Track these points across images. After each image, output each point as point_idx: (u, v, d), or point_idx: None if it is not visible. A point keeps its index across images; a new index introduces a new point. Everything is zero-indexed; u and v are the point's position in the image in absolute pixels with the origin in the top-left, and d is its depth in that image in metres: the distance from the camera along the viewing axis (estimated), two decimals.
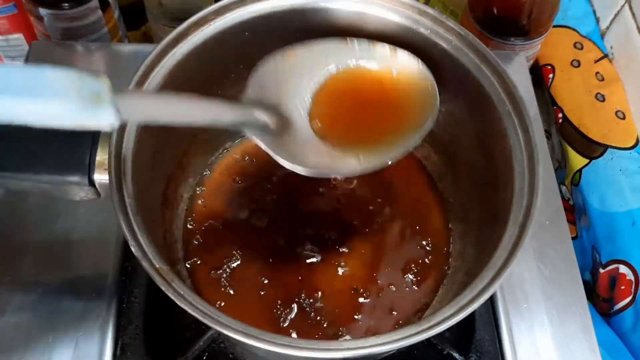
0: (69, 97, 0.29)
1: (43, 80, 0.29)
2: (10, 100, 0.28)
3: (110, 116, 0.30)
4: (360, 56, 0.48)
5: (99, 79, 0.30)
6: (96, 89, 0.30)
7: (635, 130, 0.67)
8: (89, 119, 0.30)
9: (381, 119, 0.47)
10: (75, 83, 0.29)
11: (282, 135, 0.43)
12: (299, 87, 0.46)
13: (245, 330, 0.37)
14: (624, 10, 0.70)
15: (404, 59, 0.48)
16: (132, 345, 0.50)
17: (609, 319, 0.63)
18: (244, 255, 0.53)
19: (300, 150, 0.43)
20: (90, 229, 0.55)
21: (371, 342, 0.37)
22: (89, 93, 0.30)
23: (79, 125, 0.30)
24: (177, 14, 0.67)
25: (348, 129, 0.46)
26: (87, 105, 0.29)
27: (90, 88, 0.30)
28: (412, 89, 0.48)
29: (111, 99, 0.30)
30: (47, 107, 0.28)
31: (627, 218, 0.62)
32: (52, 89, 0.29)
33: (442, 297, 0.52)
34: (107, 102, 0.30)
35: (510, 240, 0.42)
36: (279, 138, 0.43)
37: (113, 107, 0.30)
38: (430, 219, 0.56)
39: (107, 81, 0.31)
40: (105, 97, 0.30)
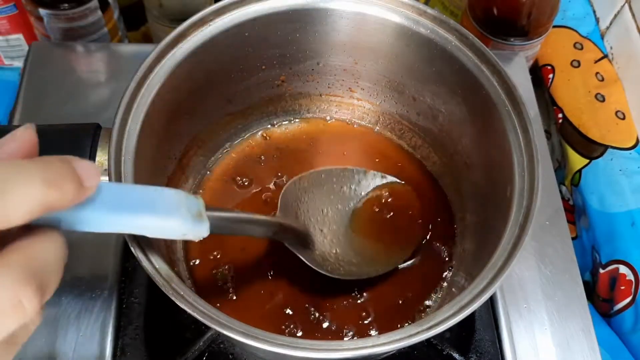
0: (182, 215, 0.33)
1: (162, 199, 0.33)
2: (136, 216, 0.31)
3: (205, 229, 0.35)
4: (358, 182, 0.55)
5: (198, 199, 0.36)
6: (198, 208, 0.35)
7: (635, 130, 0.67)
8: (192, 231, 0.34)
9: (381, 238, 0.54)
10: (183, 202, 0.34)
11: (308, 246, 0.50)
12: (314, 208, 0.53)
13: (245, 331, 0.37)
14: (624, 11, 0.70)
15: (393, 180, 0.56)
16: (132, 345, 0.50)
17: (609, 319, 0.63)
18: (244, 255, 0.53)
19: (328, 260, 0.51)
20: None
21: (371, 342, 0.37)
22: (195, 210, 0.35)
23: (181, 236, 0.34)
24: (177, 14, 0.67)
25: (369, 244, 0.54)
26: (195, 220, 0.34)
27: (194, 206, 0.35)
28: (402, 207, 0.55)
29: (206, 216, 0.35)
30: (164, 222, 0.33)
31: (627, 218, 0.62)
32: (169, 208, 0.33)
33: (443, 297, 0.52)
34: (205, 218, 0.35)
35: (510, 240, 0.42)
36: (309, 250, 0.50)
37: (209, 223, 0.35)
38: (430, 219, 0.56)
39: (202, 200, 0.36)
40: (204, 214, 0.35)
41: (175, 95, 0.48)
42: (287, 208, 0.51)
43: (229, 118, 0.57)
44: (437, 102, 0.55)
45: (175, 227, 0.33)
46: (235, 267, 0.53)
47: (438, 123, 0.56)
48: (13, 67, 0.75)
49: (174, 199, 0.33)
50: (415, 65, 0.54)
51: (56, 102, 0.62)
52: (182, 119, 0.52)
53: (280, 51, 0.55)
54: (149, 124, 0.45)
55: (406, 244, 0.54)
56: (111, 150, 0.42)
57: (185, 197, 0.34)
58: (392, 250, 0.54)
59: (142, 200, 0.32)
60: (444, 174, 0.58)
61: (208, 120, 0.56)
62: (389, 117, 0.60)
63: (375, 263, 0.53)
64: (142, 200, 0.32)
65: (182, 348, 0.50)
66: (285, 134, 0.61)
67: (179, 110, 0.50)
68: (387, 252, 0.54)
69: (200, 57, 0.49)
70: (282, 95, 0.59)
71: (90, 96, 0.62)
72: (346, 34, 0.54)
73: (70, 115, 0.61)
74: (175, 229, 0.33)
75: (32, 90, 0.62)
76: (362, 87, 0.59)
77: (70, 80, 0.63)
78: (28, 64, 0.64)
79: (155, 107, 0.46)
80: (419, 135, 0.59)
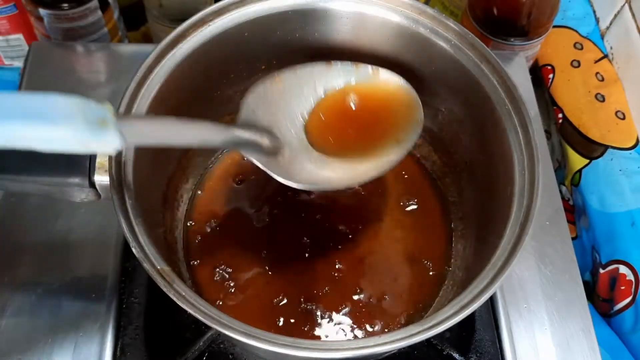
0: (76, 122, 0.30)
1: (51, 106, 0.29)
2: (19, 125, 0.28)
3: (115, 139, 0.31)
4: (345, 77, 0.49)
5: (103, 104, 0.31)
6: (101, 114, 0.31)
7: (635, 130, 0.67)
8: (95, 142, 0.31)
9: (369, 135, 0.48)
10: (81, 108, 0.30)
11: (276, 155, 0.45)
12: (289, 110, 0.47)
13: (246, 331, 0.37)
14: (624, 11, 0.70)
15: (386, 77, 0.49)
16: (132, 345, 0.50)
17: (609, 319, 0.63)
18: (244, 255, 0.53)
19: (294, 167, 0.45)
20: (90, 230, 0.55)
21: (372, 342, 0.37)
22: (95, 118, 0.30)
23: (84, 149, 0.30)
24: (176, 14, 0.67)
25: (339, 146, 0.48)
26: (94, 129, 0.30)
27: (95, 113, 0.31)
28: (396, 105, 0.49)
29: (115, 123, 0.31)
30: (55, 131, 0.29)
31: (627, 218, 0.62)
32: (60, 114, 0.29)
33: (443, 296, 0.52)
34: (112, 126, 0.31)
35: (510, 239, 0.42)
36: (274, 158, 0.44)
37: (117, 131, 0.31)
38: (430, 218, 0.56)
39: (111, 107, 0.32)
40: (110, 121, 0.31)
41: (175, 95, 0.48)
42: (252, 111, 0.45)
43: (228, 118, 0.57)
44: (437, 101, 0.55)
45: (69, 136, 0.30)
46: (235, 267, 0.53)
47: (438, 122, 0.56)
48: (13, 67, 0.75)
49: (67, 105, 0.30)
50: (415, 64, 0.54)
51: None
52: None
53: (280, 51, 0.55)
54: None
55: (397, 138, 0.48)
56: None
57: (84, 102, 0.30)
58: (379, 148, 0.48)
59: (28, 106, 0.29)
60: (443, 173, 0.58)
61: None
62: None
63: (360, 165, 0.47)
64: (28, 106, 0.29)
65: (182, 348, 0.50)
66: None
67: (179, 110, 0.50)
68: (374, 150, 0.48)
69: (200, 57, 0.49)
70: None
71: (90, 96, 0.61)
72: (346, 34, 0.54)
73: None
74: (69, 138, 0.30)
75: (32, 90, 0.62)
76: None
77: (70, 80, 0.63)
78: (28, 64, 0.64)
79: (155, 108, 0.46)
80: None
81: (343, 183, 0.47)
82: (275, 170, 0.43)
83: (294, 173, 0.45)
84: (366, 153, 0.47)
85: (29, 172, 0.41)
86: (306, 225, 0.55)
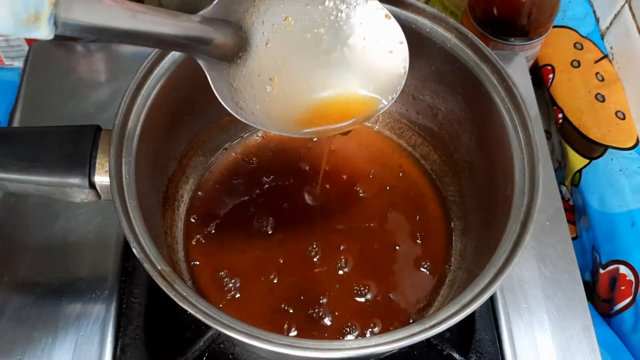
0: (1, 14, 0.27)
1: None
2: None
3: (44, 32, 0.29)
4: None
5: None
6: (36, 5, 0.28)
7: (635, 130, 0.67)
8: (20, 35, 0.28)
9: (343, 72, 0.43)
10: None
11: (232, 60, 0.40)
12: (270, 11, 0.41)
13: (248, 331, 0.37)
14: (624, 11, 0.70)
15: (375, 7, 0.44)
16: (132, 345, 0.50)
17: (609, 319, 0.63)
18: (244, 255, 0.53)
19: (244, 87, 0.41)
20: (89, 230, 0.55)
21: (373, 341, 0.37)
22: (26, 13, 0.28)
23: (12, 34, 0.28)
24: None
25: (302, 77, 0.43)
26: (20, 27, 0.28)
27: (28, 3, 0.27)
28: (381, 47, 0.44)
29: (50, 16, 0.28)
30: None
31: (627, 218, 0.62)
32: None
33: (443, 296, 0.52)
34: (45, 21, 0.28)
35: (511, 238, 0.42)
36: (228, 64, 0.40)
37: (50, 26, 0.28)
38: (430, 218, 0.56)
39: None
40: (44, 16, 0.28)
41: (175, 96, 0.48)
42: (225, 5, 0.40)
43: (228, 118, 0.57)
44: (436, 100, 0.55)
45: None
46: (235, 267, 0.52)
47: (438, 121, 0.56)
48: (13, 67, 0.75)
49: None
50: (415, 63, 0.53)
51: (56, 102, 0.62)
52: (182, 119, 0.52)
53: None
54: (149, 125, 0.45)
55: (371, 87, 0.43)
56: (112, 152, 0.42)
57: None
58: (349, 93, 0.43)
59: None
60: (444, 172, 0.58)
61: (208, 121, 0.56)
62: (388, 116, 0.60)
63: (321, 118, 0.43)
64: None
65: (182, 348, 0.49)
66: None
67: (179, 111, 0.50)
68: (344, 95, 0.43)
69: None
70: None
71: (90, 96, 0.62)
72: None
73: (70, 116, 0.61)
74: None
75: (32, 90, 0.62)
76: None
77: (70, 80, 0.63)
78: (28, 64, 0.64)
79: (155, 108, 0.46)
80: (418, 133, 0.59)
81: (286, 128, 0.42)
82: (217, 82, 0.39)
83: (239, 94, 0.40)
84: (334, 97, 0.43)
85: (29, 172, 0.41)
86: (307, 225, 0.55)
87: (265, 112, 0.41)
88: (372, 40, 0.44)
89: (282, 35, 0.42)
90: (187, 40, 0.37)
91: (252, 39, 0.41)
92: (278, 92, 0.42)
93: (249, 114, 0.41)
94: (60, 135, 0.43)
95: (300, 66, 0.42)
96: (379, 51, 0.44)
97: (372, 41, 0.44)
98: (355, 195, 0.57)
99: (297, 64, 0.42)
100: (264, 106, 0.41)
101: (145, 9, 0.34)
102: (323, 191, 0.57)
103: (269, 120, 0.42)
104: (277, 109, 0.42)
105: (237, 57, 0.41)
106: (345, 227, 0.55)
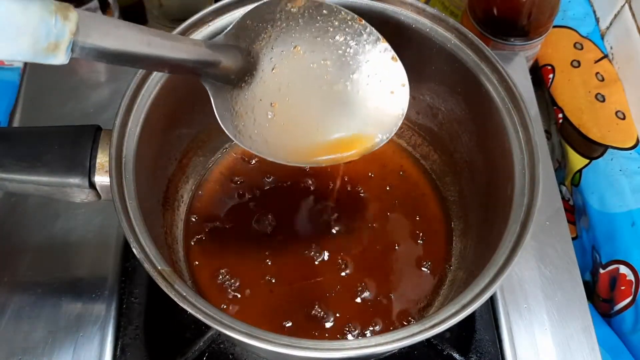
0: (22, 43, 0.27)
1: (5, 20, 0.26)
2: None
3: (61, 59, 0.29)
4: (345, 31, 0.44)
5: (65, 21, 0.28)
6: (57, 35, 0.28)
7: (635, 130, 0.67)
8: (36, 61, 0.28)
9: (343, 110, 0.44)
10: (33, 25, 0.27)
11: (236, 85, 0.41)
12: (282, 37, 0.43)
13: (248, 331, 0.37)
14: (624, 11, 0.70)
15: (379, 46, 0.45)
16: (132, 345, 0.50)
17: (609, 319, 0.63)
18: (244, 255, 0.53)
19: (246, 111, 0.41)
20: (90, 230, 0.55)
21: (373, 341, 0.37)
22: (46, 42, 0.28)
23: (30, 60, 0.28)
24: (176, 14, 0.67)
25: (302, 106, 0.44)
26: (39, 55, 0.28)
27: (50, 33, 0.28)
28: (384, 86, 0.45)
29: (69, 44, 0.28)
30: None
31: (627, 218, 0.62)
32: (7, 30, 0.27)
33: (444, 296, 0.52)
34: (63, 49, 0.28)
35: (511, 238, 0.42)
36: (233, 91, 0.41)
37: (67, 53, 0.29)
38: (431, 218, 0.56)
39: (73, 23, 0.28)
40: (63, 44, 0.28)
41: (175, 96, 0.48)
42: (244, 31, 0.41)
43: None
44: (436, 100, 0.55)
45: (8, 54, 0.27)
46: (235, 267, 0.52)
47: (437, 121, 0.56)
48: (13, 67, 0.74)
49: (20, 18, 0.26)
50: (415, 64, 0.54)
51: (56, 102, 0.62)
52: (182, 119, 0.52)
53: None
54: (149, 125, 0.45)
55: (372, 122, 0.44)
56: (112, 152, 0.42)
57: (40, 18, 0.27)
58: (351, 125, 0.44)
59: None
60: (444, 172, 0.58)
61: (208, 121, 0.55)
62: None
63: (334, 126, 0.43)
64: None
65: (182, 348, 0.49)
66: None
67: (179, 111, 0.50)
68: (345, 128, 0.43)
69: None
70: None
71: (90, 96, 0.62)
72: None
73: (70, 116, 0.61)
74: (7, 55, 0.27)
75: (32, 90, 0.62)
76: None
77: (70, 80, 0.63)
78: (28, 64, 0.64)
79: (156, 108, 0.46)
80: (418, 134, 0.59)
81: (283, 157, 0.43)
82: (220, 107, 0.40)
83: (240, 118, 0.41)
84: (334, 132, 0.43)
85: (29, 172, 0.41)
86: (307, 225, 0.55)
87: (263, 138, 0.42)
88: (376, 79, 0.45)
89: (289, 63, 0.43)
90: (199, 65, 0.38)
91: (259, 63, 0.42)
92: (278, 119, 0.42)
93: (247, 138, 0.42)
94: (60, 135, 0.43)
95: (303, 95, 0.43)
96: (381, 90, 0.45)
97: (375, 80, 0.45)
98: (356, 195, 0.57)
99: (300, 92, 0.43)
100: (262, 132, 0.42)
101: (159, 35, 0.36)
102: (324, 191, 0.57)
103: (265, 147, 0.42)
104: (275, 136, 0.42)
105: (242, 81, 0.41)
106: (345, 227, 0.55)
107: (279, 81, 0.42)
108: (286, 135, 0.43)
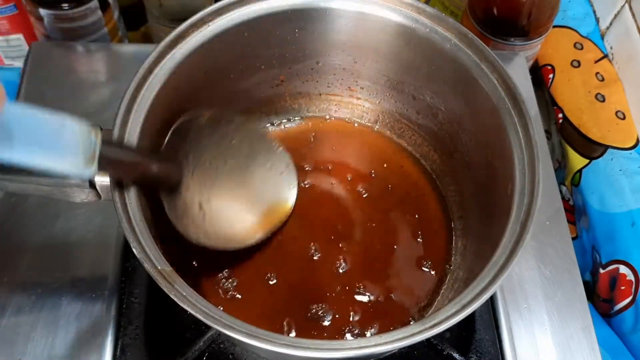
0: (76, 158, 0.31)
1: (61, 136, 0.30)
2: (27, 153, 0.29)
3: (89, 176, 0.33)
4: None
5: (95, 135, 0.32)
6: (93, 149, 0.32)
7: (635, 130, 0.67)
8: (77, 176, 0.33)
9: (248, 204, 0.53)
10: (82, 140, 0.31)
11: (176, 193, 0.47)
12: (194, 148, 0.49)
13: (248, 331, 0.37)
14: (624, 11, 0.70)
15: None
16: (132, 345, 0.50)
17: (609, 319, 0.63)
18: (244, 255, 0.53)
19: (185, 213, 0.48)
20: (90, 230, 0.55)
21: (373, 341, 0.37)
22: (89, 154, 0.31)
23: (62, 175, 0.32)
24: (177, 14, 0.67)
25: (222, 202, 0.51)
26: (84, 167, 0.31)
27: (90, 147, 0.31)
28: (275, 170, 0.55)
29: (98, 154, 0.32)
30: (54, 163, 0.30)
31: (627, 218, 0.62)
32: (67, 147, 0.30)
33: (444, 296, 0.52)
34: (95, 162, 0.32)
35: (511, 238, 0.42)
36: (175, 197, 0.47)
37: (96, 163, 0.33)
38: (431, 218, 0.56)
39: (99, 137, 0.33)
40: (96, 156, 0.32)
41: (175, 95, 0.48)
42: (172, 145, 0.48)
43: None
44: (436, 100, 0.55)
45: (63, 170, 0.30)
46: (235, 267, 0.52)
47: (438, 121, 0.56)
48: (13, 67, 0.75)
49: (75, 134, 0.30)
50: (415, 63, 0.54)
51: (56, 102, 0.62)
52: None
53: (280, 51, 0.55)
54: (149, 124, 0.45)
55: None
56: None
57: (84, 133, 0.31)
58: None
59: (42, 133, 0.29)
60: (444, 172, 0.58)
61: None
62: (388, 116, 0.60)
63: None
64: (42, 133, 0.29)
65: (182, 348, 0.49)
66: (285, 133, 0.61)
67: (179, 110, 0.50)
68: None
69: (200, 58, 0.49)
70: (282, 94, 0.59)
71: (90, 96, 0.62)
72: (346, 33, 0.54)
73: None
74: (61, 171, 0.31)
75: (32, 90, 0.62)
76: (361, 86, 0.59)
77: (70, 80, 0.63)
78: (28, 64, 0.64)
79: (156, 108, 0.46)
80: (418, 133, 0.59)
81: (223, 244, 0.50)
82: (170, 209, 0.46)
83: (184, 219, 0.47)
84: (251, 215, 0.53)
85: (29, 172, 0.41)
86: (307, 225, 0.55)
87: (203, 232, 0.49)
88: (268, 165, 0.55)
89: (202, 168, 0.49)
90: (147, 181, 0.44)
91: (182, 172, 0.48)
92: (208, 216, 0.49)
93: (193, 233, 0.48)
94: None
95: (220, 191, 0.51)
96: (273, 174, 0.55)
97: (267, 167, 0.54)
98: (356, 195, 0.57)
99: (217, 189, 0.51)
100: (201, 227, 0.49)
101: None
102: (324, 191, 0.57)
103: (207, 239, 0.49)
104: (212, 229, 0.50)
105: (177, 189, 0.47)
106: (345, 227, 0.55)
107: (200, 184, 0.49)
108: (219, 227, 0.50)
